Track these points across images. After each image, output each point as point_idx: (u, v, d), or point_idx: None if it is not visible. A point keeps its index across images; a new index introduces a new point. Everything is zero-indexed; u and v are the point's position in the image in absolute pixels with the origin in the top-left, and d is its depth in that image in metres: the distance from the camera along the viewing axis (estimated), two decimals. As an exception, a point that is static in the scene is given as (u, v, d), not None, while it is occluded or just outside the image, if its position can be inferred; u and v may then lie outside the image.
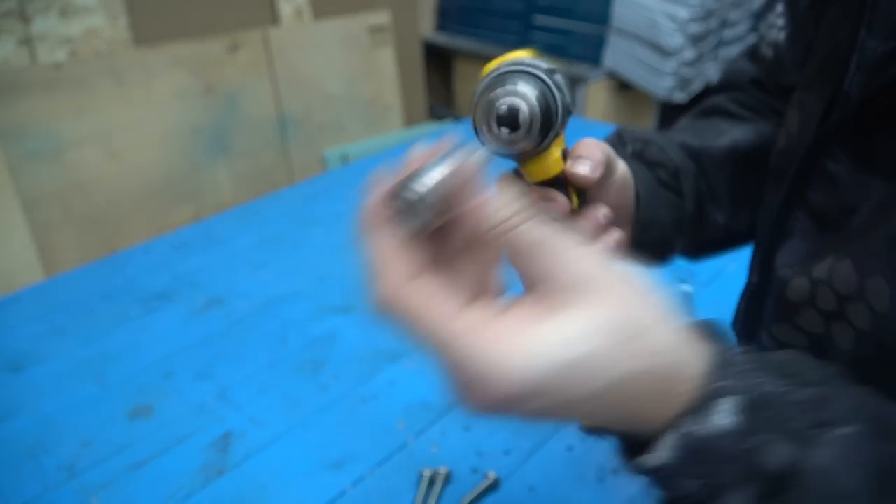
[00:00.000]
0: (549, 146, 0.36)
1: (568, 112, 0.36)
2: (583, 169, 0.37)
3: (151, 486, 0.67)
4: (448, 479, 0.66)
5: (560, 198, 0.38)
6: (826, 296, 0.36)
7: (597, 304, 0.25)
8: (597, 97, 2.42)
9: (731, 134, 0.56)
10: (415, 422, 0.74)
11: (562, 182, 0.39)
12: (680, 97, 2.36)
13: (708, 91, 0.66)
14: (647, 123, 2.60)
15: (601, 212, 0.40)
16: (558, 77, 0.36)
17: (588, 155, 0.38)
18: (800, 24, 0.50)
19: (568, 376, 0.24)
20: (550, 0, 2.50)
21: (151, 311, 0.96)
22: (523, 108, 0.31)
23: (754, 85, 0.61)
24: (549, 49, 2.55)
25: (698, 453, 0.25)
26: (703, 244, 0.55)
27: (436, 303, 0.25)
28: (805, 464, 0.24)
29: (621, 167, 0.43)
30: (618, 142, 0.53)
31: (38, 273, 1.77)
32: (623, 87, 2.48)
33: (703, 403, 0.25)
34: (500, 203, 0.26)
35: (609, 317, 0.25)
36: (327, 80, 2.32)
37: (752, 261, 0.51)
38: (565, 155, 0.39)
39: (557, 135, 0.36)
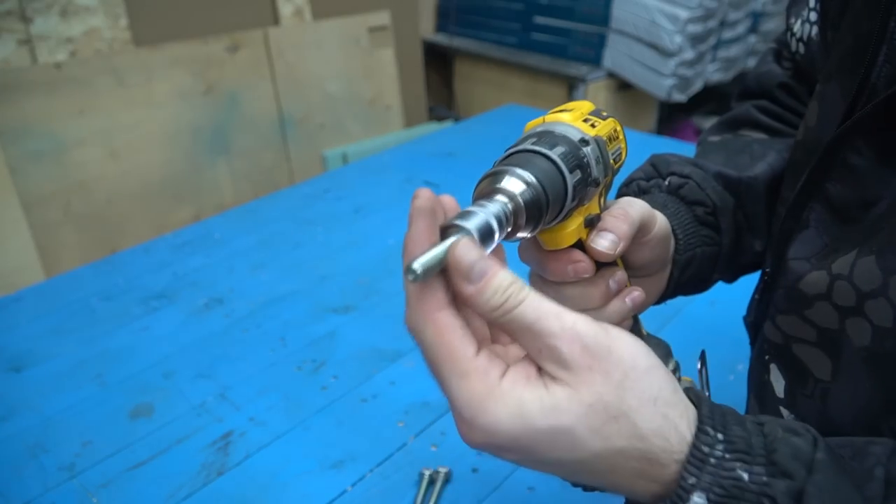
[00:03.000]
0: (560, 221, 0.36)
1: (594, 182, 0.36)
2: (603, 244, 0.38)
3: (151, 485, 0.67)
4: (448, 478, 0.66)
5: (582, 260, 0.38)
6: (844, 291, 0.35)
7: (587, 384, 0.26)
8: (597, 97, 2.43)
9: (766, 159, 0.55)
10: (415, 422, 0.74)
11: (582, 245, 0.39)
12: (679, 97, 2.37)
13: (737, 95, 0.66)
14: (647, 123, 2.60)
15: (614, 278, 0.40)
16: (587, 150, 0.35)
17: (613, 228, 0.39)
18: (828, 16, 0.50)
19: (544, 441, 0.26)
20: (550, 0, 2.50)
21: (151, 311, 0.96)
22: (469, 227, 0.28)
23: (783, 89, 0.60)
24: (548, 49, 2.55)
25: None
26: (740, 269, 0.56)
27: (453, 337, 0.27)
28: None
29: (659, 224, 0.44)
30: (653, 172, 0.53)
31: (39, 273, 1.77)
32: (623, 87, 2.48)
33: (677, 497, 0.27)
34: (488, 294, 0.27)
35: (594, 398, 0.26)
36: (327, 80, 2.32)
37: (766, 252, 0.51)
38: (592, 222, 0.39)
39: (574, 208, 0.36)
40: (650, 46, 2.27)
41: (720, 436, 0.27)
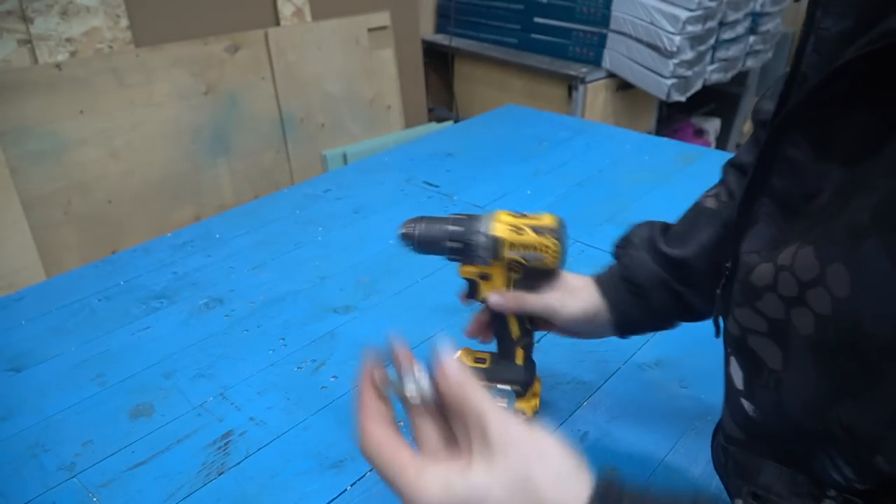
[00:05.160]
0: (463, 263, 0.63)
1: (476, 259, 0.61)
2: (492, 298, 0.63)
3: (152, 485, 0.67)
4: (448, 478, 0.66)
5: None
6: (788, 282, 0.36)
7: (504, 464, 0.33)
8: (596, 97, 2.43)
9: (698, 238, 0.62)
10: (414, 422, 0.74)
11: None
12: (679, 97, 2.37)
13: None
14: (646, 123, 2.61)
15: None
16: (479, 238, 0.60)
17: (500, 297, 0.63)
18: None
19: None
20: (550, 0, 2.50)
21: (152, 311, 0.96)
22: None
23: None
24: (548, 49, 2.55)
25: None
26: (695, 316, 0.65)
27: (396, 450, 0.37)
28: None
29: (570, 312, 0.63)
30: (620, 252, 0.67)
31: (39, 273, 1.77)
32: (623, 87, 2.49)
33: None
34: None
35: (509, 474, 0.33)
36: (327, 80, 2.33)
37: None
38: (484, 277, 0.64)
39: (464, 262, 0.63)
40: (650, 47, 2.28)
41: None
